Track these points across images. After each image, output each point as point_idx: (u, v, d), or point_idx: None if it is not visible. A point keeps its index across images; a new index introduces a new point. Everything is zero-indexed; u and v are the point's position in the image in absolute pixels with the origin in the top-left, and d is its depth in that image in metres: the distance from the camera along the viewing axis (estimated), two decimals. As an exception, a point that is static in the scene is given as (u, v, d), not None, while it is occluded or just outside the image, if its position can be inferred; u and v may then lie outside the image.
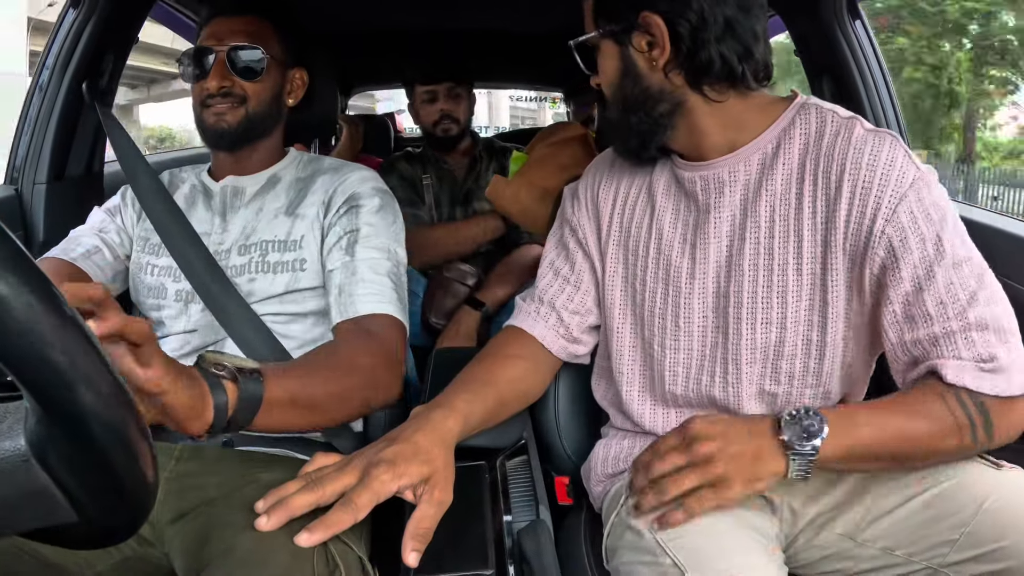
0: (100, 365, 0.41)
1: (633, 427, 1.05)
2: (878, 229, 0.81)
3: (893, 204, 0.80)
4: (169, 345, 1.13)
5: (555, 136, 1.86)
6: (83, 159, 1.54)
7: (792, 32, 1.66)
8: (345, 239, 1.11)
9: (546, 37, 2.50)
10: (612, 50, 0.91)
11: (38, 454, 0.42)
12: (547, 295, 1.07)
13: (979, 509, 0.77)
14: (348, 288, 1.06)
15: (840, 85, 1.56)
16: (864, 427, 0.78)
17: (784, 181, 0.87)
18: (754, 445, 0.79)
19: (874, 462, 0.81)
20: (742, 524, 0.85)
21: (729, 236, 0.91)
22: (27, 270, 0.38)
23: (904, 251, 0.80)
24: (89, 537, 0.49)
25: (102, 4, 1.42)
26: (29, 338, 0.37)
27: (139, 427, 0.45)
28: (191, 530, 0.93)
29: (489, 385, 0.97)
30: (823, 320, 0.87)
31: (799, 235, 0.86)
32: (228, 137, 1.15)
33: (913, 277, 0.80)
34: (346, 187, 1.16)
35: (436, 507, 0.79)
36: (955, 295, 0.79)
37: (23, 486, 0.42)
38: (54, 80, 1.45)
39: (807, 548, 0.92)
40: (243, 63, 1.14)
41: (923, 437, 0.78)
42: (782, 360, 0.89)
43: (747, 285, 0.89)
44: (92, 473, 0.44)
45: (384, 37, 2.64)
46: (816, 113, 0.88)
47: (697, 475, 0.79)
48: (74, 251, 1.16)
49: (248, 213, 1.17)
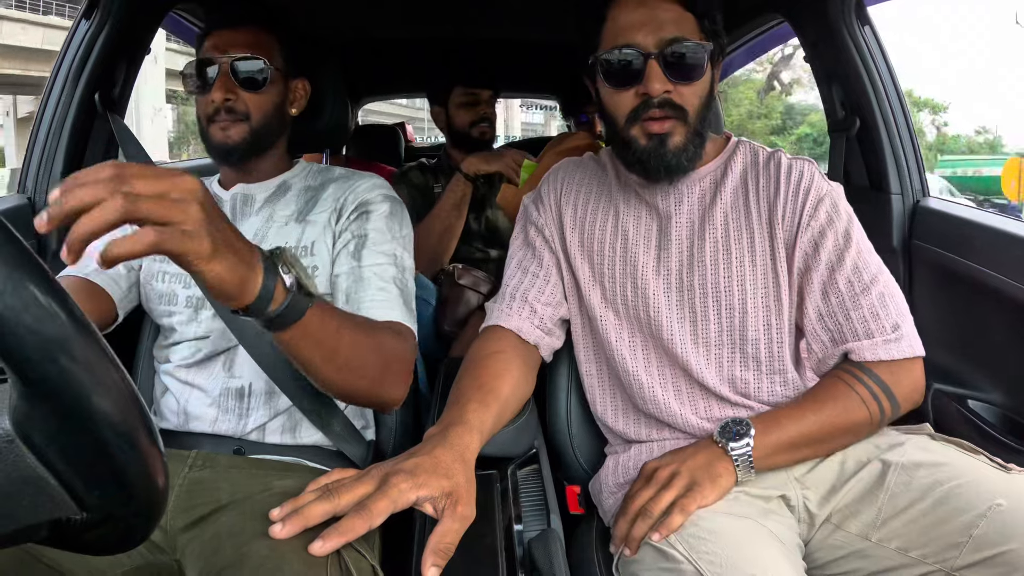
0: (80, 329, 0.40)
1: (632, 435, 1.10)
2: (804, 223, 1.02)
3: (814, 204, 1.02)
4: (181, 352, 1.14)
5: (564, 145, 1.88)
6: (95, 168, 1.55)
7: (801, 38, 1.65)
8: (353, 243, 1.11)
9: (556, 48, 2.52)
10: (709, 67, 1.02)
11: (22, 434, 0.41)
12: (518, 291, 1.12)
13: (987, 510, 0.81)
14: (355, 295, 1.06)
15: (849, 91, 1.55)
16: (785, 421, 0.95)
17: (732, 192, 1.07)
18: (704, 455, 0.95)
19: (805, 448, 0.97)
20: (761, 529, 0.88)
21: (689, 237, 1.06)
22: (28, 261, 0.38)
23: (821, 240, 1.01)
24: (102, 542, 0.49)
25: (114, 15, 1.43)
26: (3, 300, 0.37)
27: (136, 408, 0.44)
28: (204, 537, 0.93)
29: (490, 391, 0.98)
30: (778, 304, 1.03)
31: (751, 232, 1.04)
32: (235, 153, 1.16)
33: (828, 261, 1.00)
34: (357, 194, 1.17)
35: (459, 522, 0.78)
36: (860, 276, 0.99)
37: (12, 470, 0.41)
38: (67, 90, 1.46)
39: (823, 547, 0.95)
40: (246, 74, 1.15)
41: (837, 417, 0.95)
42: (747, 344, 1.03)
43: (710, 276, 1.04)
44: (83, 454, 0.43)
45: (394, 47, 2.65)
46: (749, 147, 1.11)
47: (670, 492, 0.92)
48: (88, 267, 1.17)
49: (258, 220, 1.18)
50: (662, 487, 0.93)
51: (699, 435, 1.03)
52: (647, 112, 0.99)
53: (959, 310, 1.39)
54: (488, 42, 2.55)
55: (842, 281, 0.99)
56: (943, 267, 1.41)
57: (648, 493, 0.93)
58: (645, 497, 0.93)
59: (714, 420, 1.03)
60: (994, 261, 1.27)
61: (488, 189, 2.07)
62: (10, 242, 0.38)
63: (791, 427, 0.95)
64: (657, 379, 1.07)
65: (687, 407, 1.05)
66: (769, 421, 0.96)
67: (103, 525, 0.47)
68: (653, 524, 0.90)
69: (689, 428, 1.04)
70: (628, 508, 0.94)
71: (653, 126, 0.99)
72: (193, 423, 1.09)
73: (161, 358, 1.18)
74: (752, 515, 0.91)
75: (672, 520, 0.88)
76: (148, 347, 1.27)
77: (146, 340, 1.29)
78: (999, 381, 1.29)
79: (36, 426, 0.41)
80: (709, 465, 0.93)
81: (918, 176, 1.53)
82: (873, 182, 1.57)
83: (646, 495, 0.93)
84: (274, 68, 1.17)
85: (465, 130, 2.11)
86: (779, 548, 0.86)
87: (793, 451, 0.96)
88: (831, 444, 0.98)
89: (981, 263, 1.29)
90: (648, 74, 0.97)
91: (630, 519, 0.93)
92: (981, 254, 1.30)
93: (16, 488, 0.42)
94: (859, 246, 1.01)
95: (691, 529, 0.87)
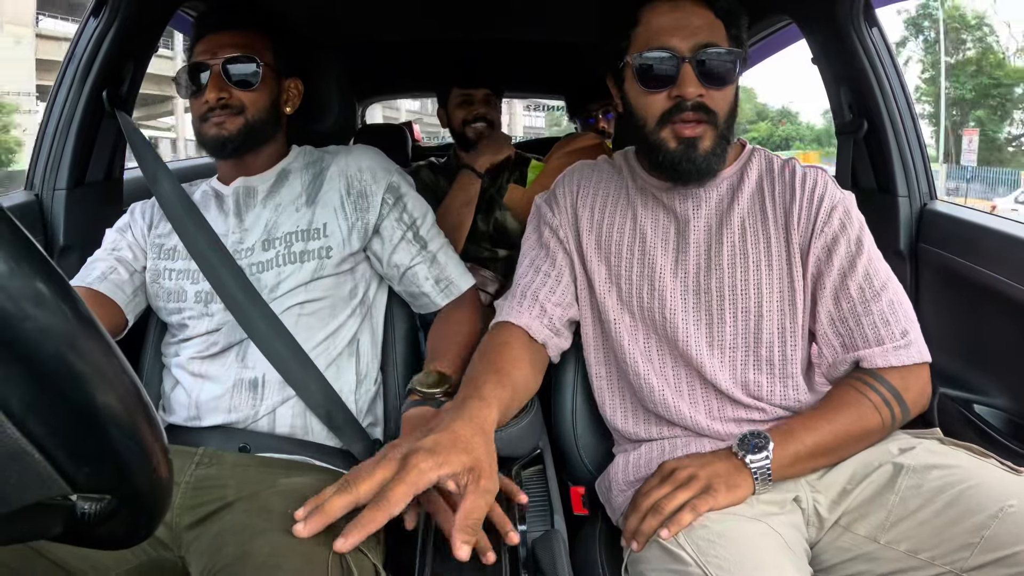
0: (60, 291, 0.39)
1: (643, 435, 1.09)
2: (818, 229, 1.04)
3: (828, 211, 1.04)
4: (195, 346, 1.14)
5: (571, 146, 1.89)
6: (103, 165, 1.55)
7: (809, 40, 1.65)
8: (410, 233, 1.22)
9: (558, 47, 2.52)
10: (735, 71, 1.03)
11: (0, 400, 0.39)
12: (529, 289, 1.12)
13: (999, 512, 0.82)
14: (444, 276, 1.25)
15: (857, 93, 1.54)
16: (801, 432, 0.96)
17: (750, 198, 1.08)
18: (723, 464, 0.95)
19: (821, 458, 0.98)
20: (771, 533, 0.88)
21: (707, 240, 1.07)
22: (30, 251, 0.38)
23: (835, 246, 1.03)
24: (110, 536, 0.48)
25: (122, 13, 1.43)
26: None
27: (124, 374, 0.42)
28: (209, 535, 0.94)
29: (506, 375, 0.98)
30: (793, 308, 1.04)
31: (767, 236, 1.05)
32: (230, 144, 1.17)
33: (840, 267, 1.02)
34: (375, 175, 1.21)
35: (484, 497, 0.76)
36: (871, 282, 1.01)
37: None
38: (75, 87, 1.46)
39: (830, 550, 0.95)
40: (238, 74, 1.16)
41: (851, 425, 0.97)
42: (761, 347, 1.04)
43: (727, 279, 1.05)
44: (66, 422, 0.41)
45: (398, 48, 2.65)
46: (764, 155, 1.13)
47: (685, 492, 0.92)
48: (89, 276, 1.19)
49: (267, 210, 1.19)
50: (679, 486, 0.93)
51: (709, 435, 1.04)
52: (680, 115, 1.00)
53: (965, 314, 1.38)
54: (494, 43, 2.54)
55: (854, 287, 1.01)
56: (950, 270, 1.40)
57: (663, 491, 0.94)
58: (659, 494, 0.94)
59: (726, 421, 1.04)
60: (1001, 265, 1.26)
61: (496, 190, 2.08)
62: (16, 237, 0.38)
63: (807, 438, 0.96)
64: (672, 382, 1.07)
65: (699, 409, 1.05)
66: (786, 432, 0.96)
67: (110, 519, 0.47)
68: (663, 521, 0.90)
69: (699, 429, 1.04)
70: (640, 504, 0.95)
71: (685, 130, 1.00)
72: (205, 414, 1.10)
73: (170, 353, 1.19)
74: (762, 517, 0.91)
75: (682, 517, 0.89)
76: (154, 344, 1.27)
77: (152, 337, 1.29)
78: (1005, 386, 1.28)
79: (13, 392, 0.39)
80: (728, 475, 0.94)
81: (925, 179, 1.52)
82: (880, 184, 1.56)
83: (660, 492, 0.94)
84: (266, 67, 1.18)
85: (460, 129, 2.12)
86: (787, 554, 0.86)
87: (809, 461, 0.97)
88: (845, 452, 0.99)
89: (988, 267, 1.29)
90: (682, 77, 0.99)
91: (641, 514, 0.93)
92: (988, 258, 1.30)
93: (1, 465, 0.40)
94: (870, 253, 1.03)
95: (701, 531, 0.87)
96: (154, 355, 1.27)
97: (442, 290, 1.24)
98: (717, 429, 1.03)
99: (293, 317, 1.13)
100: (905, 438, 1.01)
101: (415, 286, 1.23)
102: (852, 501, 0.95)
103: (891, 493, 0.92)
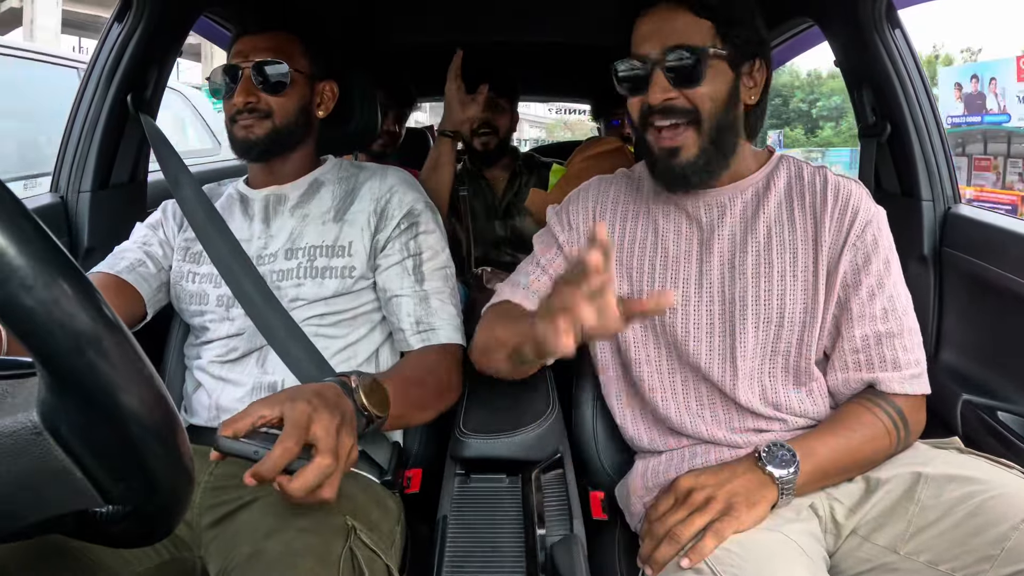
0: (108, 325, 0.40)
1: (660, 447, 1.09)
2: (849, 243, 1.01)
3: (861, 226, 1.01)
4: (216, 350, 1.15)
5: (593, 149, 1.89)
6: (127, 168, 1.58)
7: (831, 42, 1.63)
8: (410, 262, 1.17)
9: (583, 50, 2.51)
10: (726, 72, 1.00)
11: (50, 426, 0.42)
12: (532, 287, 1.12)
13: (1021, 523, 0.81)
14: (426, 320, 1.15)
15: (880, 96, 1.53)
16: (820, 448, 0.95)
17: (776, 206, 1.06)
18: (743, 480, 0.93)
19: (835, 476, 0.97)
20: (789, 543, 0.87)
21: (731, 249, 1.05)
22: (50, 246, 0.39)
23: (865, 264, 1.01)
24: (125, 535, 0.49)
25: (146, 18, 1.45)
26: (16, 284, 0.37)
27: (163, 404, 0.44)
28: (226, 535, 0.95)
29: None
30: (812, 320, 1.02)
31: (794, 247, 1.03)
32: (256, 148, 1.18)
33: (868, 286, 1.00)
34: (401, 199, 1.20)
35: None
36: (895, 305, 1.01)
37: (39, 462, 0.42)
38: (99, 91, 1.48)
39: (849, 559, 0.94)
40: (268, 78, 1.17)
41: (865, 445, 0.97)
42: (779, 356, 1.03)
43: (750, 288, 1.03)
44: (110, 448, 0.43)
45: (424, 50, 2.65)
46: (793, 162, 1.10)
47: (703, 516, 0.89)
48: (118, 264, 1.19)
49: (293, 219, 1.20)
50: (695, 510, 0.91)
51: (728, 444, 1.03)
52: (651, 117, 1.01)
53: (990, 319, 1.36)
54: (517, 45, 2.53)
55: (879, 308, 1.00)
56: (974, 275, 1.38)
57: (678, 515, 0.91)
58: (674, 520, 0.91)
59: (745, 431, 1.03)
60: (1014, 266, 1.25)
61: (515, 196, 2.07)
62: (41, 238, 0.39)
63: (825, 454, 0.95)
64: (693, 398, 1.06)
65: (719, 423, 1.04)
66: (805, 448, 0.95)
67: (128, 519, 0.47)
68: (682, 548, 0.88)
69: (718, 440, 1.03)
70: (655, 530, 0.93)
71: (663, 140, 1.01)
72: (224, 416, 1.11)
73: (192, 355, 1.20)
74: (779, 526, 0.90)
75: (705, 545, 0.86)
76: (177, 345, 1.29)
77: (175, 338, 1.31)
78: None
79: (63, 419, 0.41)
80: (748, 492, 0.91)
81: (950, 182, 1.50)
82: (904, 188, 1.54)
83: (675, 518, 0.91)
84: (296, 71, 1.19)
85: (467, 139, 2.08)
86: (806, 563, 0.86)
87: (824, 479, 0.97)
88: (855, 471, 0.99)
89: (1013, 271, 1.27)
90: (652, 82, 0.99)
91: (656, 540, 0.91)
92: (1013, 262, 1.28)
93: (43, 480, 0.43)
94: (896, 276, 1.02)
95: None
96: (177, 356, 1.28)
97: (418, 332, 1.15)
98: (736, 440, 1.02)
99: (312, 328, 1.13)
100: (924, 448, 1.00)
101: (395, 317, 1.17)
102: (871, 510, 0.94)
103: (911, 503, 0.91)
